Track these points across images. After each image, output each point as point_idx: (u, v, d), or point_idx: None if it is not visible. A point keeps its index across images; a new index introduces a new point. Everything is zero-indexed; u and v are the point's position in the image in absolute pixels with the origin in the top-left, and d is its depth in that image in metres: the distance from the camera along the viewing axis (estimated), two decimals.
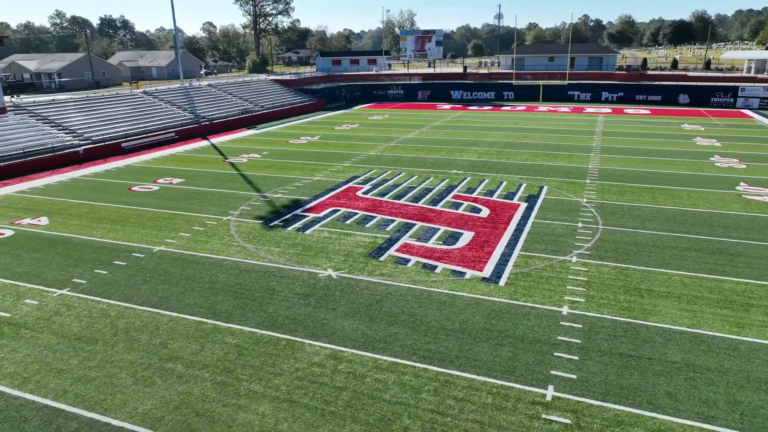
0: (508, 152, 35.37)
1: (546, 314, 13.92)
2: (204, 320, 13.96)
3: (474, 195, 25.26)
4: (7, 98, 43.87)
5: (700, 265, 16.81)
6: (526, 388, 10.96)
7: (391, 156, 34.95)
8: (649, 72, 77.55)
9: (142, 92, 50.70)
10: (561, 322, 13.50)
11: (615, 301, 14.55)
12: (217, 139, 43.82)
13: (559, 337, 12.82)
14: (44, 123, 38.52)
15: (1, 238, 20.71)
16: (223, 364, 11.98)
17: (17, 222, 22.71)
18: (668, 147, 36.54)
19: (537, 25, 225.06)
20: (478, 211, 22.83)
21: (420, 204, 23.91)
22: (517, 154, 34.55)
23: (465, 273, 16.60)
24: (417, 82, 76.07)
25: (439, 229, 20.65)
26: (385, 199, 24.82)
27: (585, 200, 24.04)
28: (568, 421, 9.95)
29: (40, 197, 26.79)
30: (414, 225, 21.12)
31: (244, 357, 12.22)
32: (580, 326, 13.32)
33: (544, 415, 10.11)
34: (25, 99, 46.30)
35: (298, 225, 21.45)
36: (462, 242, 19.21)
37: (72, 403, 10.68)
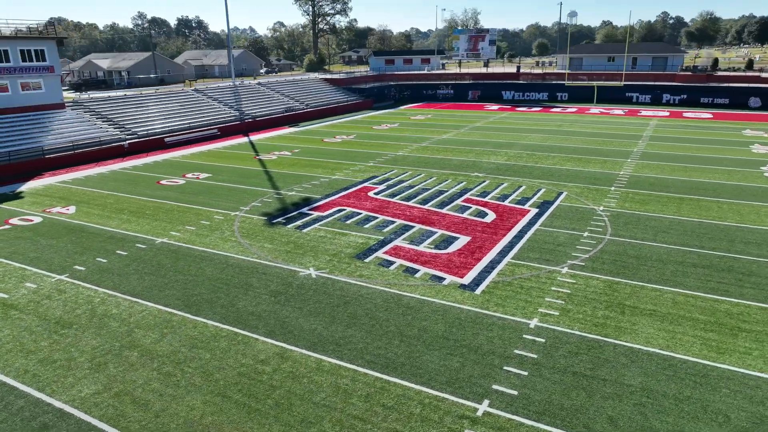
0: (539, 156, 34.21)
1: (512, 326, 13.41)
2: (175, 312, 14.49)
3: (486, 199, 24.65)
4: (71, 94, 47.17)
5: (702, 283, 15.60)
6: (461, 401, 10.62)
7: (418, 156, 34.71)
8: (719, 73, 72.46)
9: (193, 90, 53.05)
10: (524, 336, 12.96)
11: (591, 317, 13.79)
12: (256, 136, 45.17)
13: (515, 351, 12.32)
14: (97, 118, 41.17)
15: (28, 225, 22.38)
16: (176, 355, 12.40)
17: (48, 210, 24.45)
18: (717, 154, 34.06)
19: (611, 23, 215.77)
20: (484, 215, 22.27)
21: (427, 206, 23.62)
22: (548, 158, 33.36)
23: (444, 279, 16.27)
24: (467, 82, 74.96)
25: (436, 232, 20.33)
26: (394, 200, 24.71)
27: (602, 208, 22.88)
28: None
29: (77, 187, 28.70)
30: (412, 227, 20.90)
31: (196, 350, 12.60)
32: (543, 341, 12.73)
33: (467, 430, 9.78)
34: (93, 95, 49.62)
35: (298, 223, 21.78)
36: (455, 247, 18.83)
37: (27, 382, 11.42)
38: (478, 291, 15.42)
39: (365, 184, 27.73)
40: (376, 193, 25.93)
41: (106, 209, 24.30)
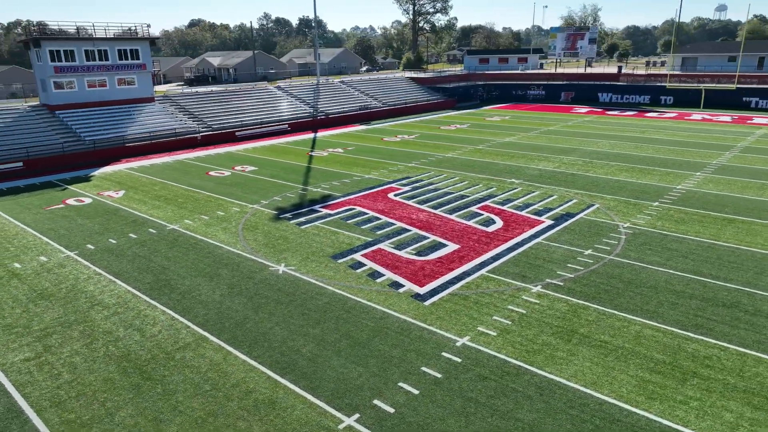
0: (595, 164, 31.69)
1: (437, 342, 12.77)
2: (137, 294, 15.65)
3: (504, 207, 23.44)
4: (164, 88, 51.78)
5: (685, 318, 13.67)
6: (333, 411, 10.39)
7: (465, 159, 33.76)
8: None
9: (275, 87, 55.93)
10: (443, 353, 12.30)
11: (528, 342, 12.71)
12: (322, 133, 46.62)
13: (422, 368, 11.74)
14: (179, 111, 45.02)
15: (78, 205, 25.23)
16: (111, 334, 13.42)
17: (101, 193, 27.35)
18: None
19: (763, 16, 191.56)
20: (491, 224, 21.22)
21: (438, 211, 23.01)
22: (603, 167, 30.79)
23: (403, 286, 15.84)
24: (561, 82, 71.07)
25: (428, 238, 19.78)
26: (409, 202, 24.36)
27: (626, 225, 20.76)
28: None
29: (138, 174, 31.72)
30: (408, 231, 20.51)
31: (131, 330, 13.53)
32: (459, 361, 11.99)
33: None
34: (185, 90, 54.32)
35: (302, 219, 22.30)
36: (437, 254, 18.20)
37: None
38: (428, 302, 14.83)
39: (392, 185, 27.61)
40: (396, 194, 25.72)
41: (147, 195, 26.64)
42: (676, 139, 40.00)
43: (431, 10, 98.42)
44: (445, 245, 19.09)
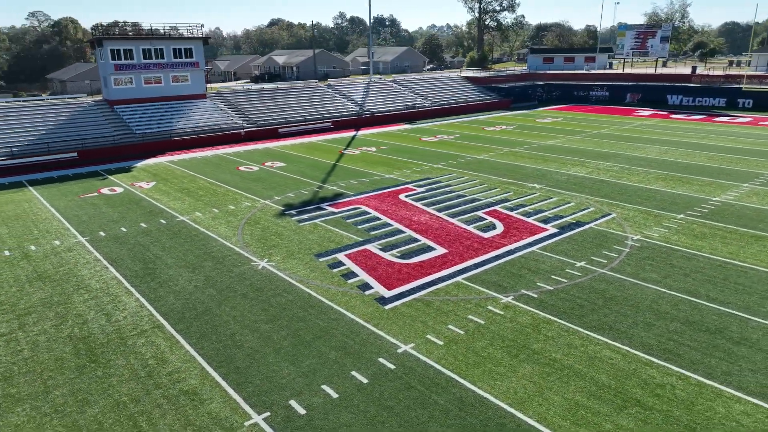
0: (631, 171, 29.78)
1: (380, 346, 12.57)
2: (122, 281, 16.54)
3: (513, 212, 22.60)
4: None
5: (658, 342, 12.60)
6: (246, 408, 10.52)
7: (494, 162, 32.84)
8: None
9: (326, 86, 56.93)
10: (379, 358, 12.10)
11: (473, 354, 12.22)
12: (364, 131, 46.93)
13: (352, 372, 11.61)
14: (228, 107, 46.92)
15: (110, 194, 27.00)
16: (82, 317, 14.29)
17: (134, 183, 29.10)
18: None
19: None
20: (490, 229, 20.55)
21: (442, 213, 22.57)
22: (638, 174, 28.88)
23: (372, 288, 15.71)
24: (627, 83, 67.28)
25: (419, 241, 19.47)
26: (417, 204, 24.06)
27: (636, 237, 19.41)
28: None
29: (174, 166, 33.44)
30: (402, 233, 20.29)
31: (89, 309, 14.33)
32: (392, 367, 11.75)
33: None
34: (235, 86, 56.53)
35: (304, 216, 22.63)
36: (421, 258, 17.88)
37: None
38: (389, 306, 14.62)
39: (408, 186, 27.38)
40: (407, 195, 25.49)
41: (173, 187, 28.04)
42: (737, 146, 36.76)
43: (498, 7, 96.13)
44: (433, 249, 18.71)
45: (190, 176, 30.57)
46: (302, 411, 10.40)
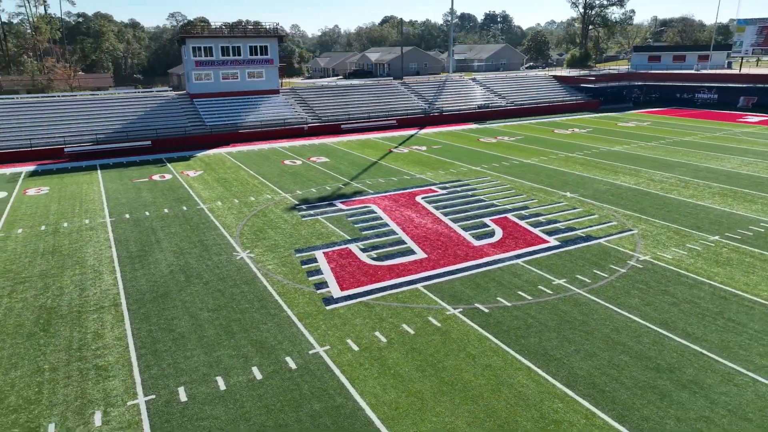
0: (689, 183, 26.65)
1: (294, 347, 12.62)
2: (114, 260, 18.06)
3: (522, 221, 21.33)
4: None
5: (588, 375, 11.36)
6: (138, 390, 11.12)
7: (539, 166, 31.06)
8: None
9: (399, 83, 57.08)
10: (287, 357, 12.15)
11: (378, 364, 11.86)
12: (426, 130, 46.47)
13: (252, 367, 11.78)
14: (297, 102, 48.79)
15: (157, 180, 29.42)
16: (57, 284, 15.85)
17: (184, 172, 31.42)
18: None
19: None
20: (485, 237, 19.60)
21: (446, 218, 21.90)
22: (694, 188, 25.79)
23: (327, 287, 15.73)
24: (742, 85, 59.96)
25: (404, 243, 19.10)
26: (428, 206, 23.54)
27: (644, 258, 17.48)
28: None
29: (228, 157, 35.55)
30: (393, 235, 20.02)
31: (71, 283, 15.80)
32: (294, 367, 11.76)
33: (98, 412, 10.42)
34: (310, 82, 58.48)
35: (311, 212, 23.08)
36: (396, 261, 17.55)
37: None
38: (331, 306, 14.58)
39: (432, 187, 26.84)
40: (424, 197, 25.02)
41: (214, 177, 29.88)
42: None
43: (605, 2, 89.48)
44: (413, 253, 18.26)
45: (236, 167, 32.37)
46: (184, 398, 10.80)
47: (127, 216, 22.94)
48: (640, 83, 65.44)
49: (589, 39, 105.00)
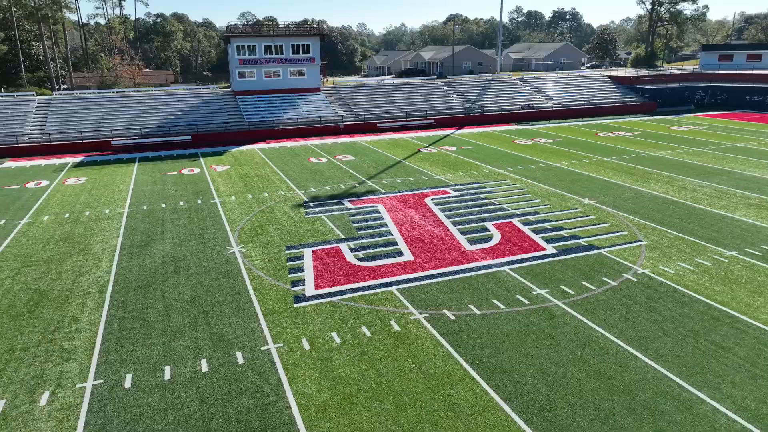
0: (727, 193, 24.71)
1: (249, 342, 12.82)
2: (118, 249, 19.00)
3: (526, 227, 20.60)
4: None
5: (525, 392, 10.83)
6: (92, 373, 11.66)
7: (565, 170, 29.83)
8: None
9: (443, 82, 56.43)
10: (237, 352, 12.36)
11: (321, 364, 11.84)
12: (463, 130, 45.71)
13: (202, 360, 12.08)
14: (337, 101, 49.31)
15: (185, 174, 30.68)
16: (58, 269, 16.86)
17: (212, 166, 32.58)
18: None
19: None
20: (480, 242, 19.09)
21: (448, 221, 21.50)
22: (731, 198, 23.90)
23: (303, 285, 15.86)
24: None
25: (394, 245, 18.92)
26: (434, 208, 23.20)
27: (642, 271, 16.43)
28: None
29: (259, 153, 36.51)
30: (388, 236, 19.90)
31: (73, 268, 16.76)
32: (241, 362, 11.94)
33: None
34: (350, 80, 58.84)
35: (317, 209, 23.32)
36: (380, 263, 17.43)
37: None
38: (299, 304, 14.69)
39: (445, 189, 26.41)
40: (433, 199, 24.66)
41: (239, 172, 30.79)
42: None
43: None
44: (401, 255, 18.07)
45: (263, 164, 33.20)
46: (128, 385, 11.24)
47: (145, 207, 24.07)
48: (704, 84, 61.33)
49: (658, 37, 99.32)
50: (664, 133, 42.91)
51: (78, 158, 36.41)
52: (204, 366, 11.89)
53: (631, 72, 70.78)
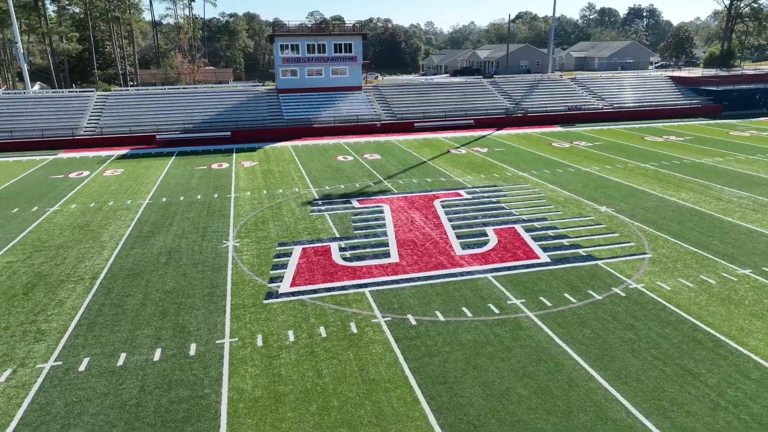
0: (763, 205, 22.73)
1: (206, 335, 13.13)
2: (125, 237, 19.99)
3: (528, 233, 19.83)
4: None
5: (460, 403, 10.45)
6: (53, 356, 12.37)
7: (593, 176, 28.43)
8: None
9: (488, 82, 55.23)
10: (191, 344, 12.71)
11: (266, 362, 11.95)
12: (502, 131, 44.56)
13: (157, 349, 12.52)
14: (378, 99, 49.39)
15: (214, 169, 31.82)
16: (63, 255, 17.96)
17: (241, 162, 33.59)
18: None
19: None
20: (475, 247, 18.57)
21: (448, 224, 21.08)
22: (764, 211, 21.96)
23: (279, 282, 16.06)
24: None
25: (386, 246, 18.78)
26: (440, 210, 22.81)
27: (635, 286, 15.43)
28: None
29: (290, 150, 37.27)
30: (383, 236, 19.77)
31: (78, 255, 17.80)
32: (192, 354, 12.27)
33: None
34: (395, 79, 58.66)
35: (323, 207, 23.53)
36: (363, 263, 17.37)
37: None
38: (270, 300, 14.90)
39: (458, 191, 25.91)
40: (442, 201, 24.26)
41: (264, 168, 31.57)
42: None
43: None
44: (387, 257, 17.91)
45: (289, 160, 33.88)
46: (82, 368, 11.80)
47: (164, 200, 25.20)
48: None
49: (739, 34, 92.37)
50: (720, 138, 39.93)
51: (123, 151, 38.64)
52: (157, 355, 12.32)
53: (696, 72, 66.35)
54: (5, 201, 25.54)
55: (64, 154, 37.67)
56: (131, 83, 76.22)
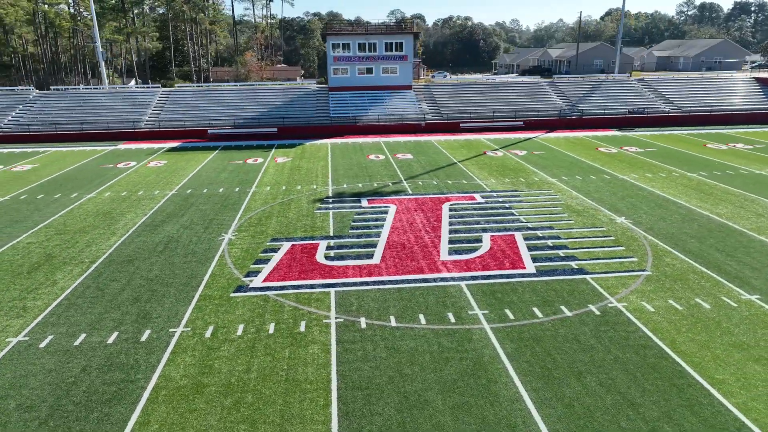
0: None
1: (165, 323, 13.73)
2: (136, 226, 21.27)
3: (524, 242, 18.98)
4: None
5: (359, 409, 10.25)
6: (25, 331, 13.45)
7: (626, 184, 26.61)
8: None
9: (546, 83, 53.08)
10: (147, 330, 13.34)
11: (208, 353, 12.31)
12: (550, 134, 42.74)
13: (114, 334, 13.26)
14: (427, 99, 48.97)
15: (249, 164, 33.02)
16: (72, 239, 19.40)
17: (276, 158, 34.62)
18: None
19: None
20: (463, 253, 18.05)
21: (447, 227, 20.61)
22: None
23: (256, 276, 16.46)
24: None
25: (372, 247, 18.68)
26: (446, 213, 22.34)
27: (615, 305, 14.35)
28: None
29: (327, 147, 37.89)
30: (376, 237, 19.70)
31: (87, 239, 19.18)
32: (142, 340, 12.90)
33: None
34: (444, 80, 57.67)
35: (330, 205, 23.77)
36: (345, 263, 17.40)
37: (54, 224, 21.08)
38: (237, 293, 15.32)
39: (472, 194, 25.25)
40: (452, 204, 23.75)
41: (295, 164, 32.36)
42: None
43: None
44: (370, 258, 17.82)
45: (322, 157, 34.47)
46: (43, 345, 12.75)
47: (189, 191, 26.52)
48: None
49: None
50: None
51: (175, 144, 41.01)
52: (112, 338, 13.05)
53: (761, 73, 59.96)
54: (54, 187, 27.97)
55: (122, 146, 40.58)
56: (206, 80, 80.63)
